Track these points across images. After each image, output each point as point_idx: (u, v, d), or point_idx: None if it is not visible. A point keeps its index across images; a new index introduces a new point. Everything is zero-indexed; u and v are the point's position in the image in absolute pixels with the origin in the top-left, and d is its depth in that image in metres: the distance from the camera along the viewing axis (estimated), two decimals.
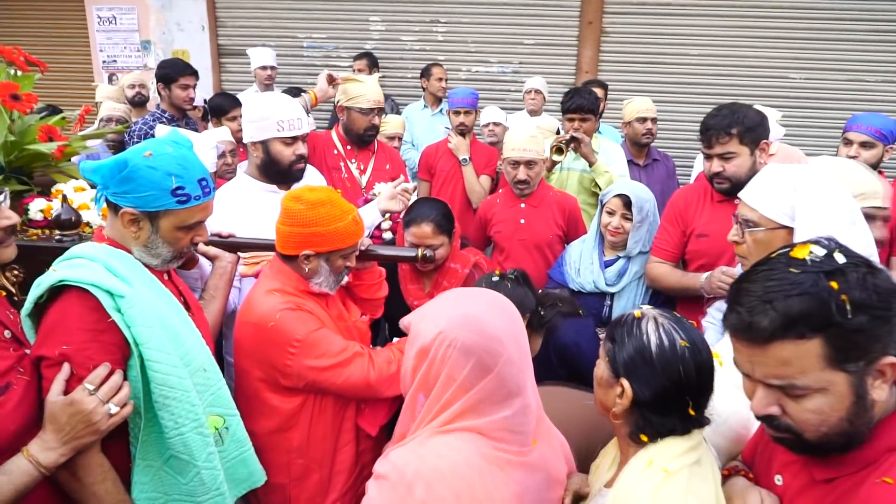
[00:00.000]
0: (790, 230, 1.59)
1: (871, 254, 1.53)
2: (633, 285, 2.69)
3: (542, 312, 2.14)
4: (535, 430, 1.37)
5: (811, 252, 1.03)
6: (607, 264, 2.72)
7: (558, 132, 4.30)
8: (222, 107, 4.07)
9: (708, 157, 2.39)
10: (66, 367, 1.43)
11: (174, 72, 4.21)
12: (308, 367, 1.83)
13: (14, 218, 1.50)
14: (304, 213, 1.82)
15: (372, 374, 1.87)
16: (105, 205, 1.61)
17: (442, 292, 2.38)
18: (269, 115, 2.33)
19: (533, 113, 4.89)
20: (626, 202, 2.62)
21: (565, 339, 2.13)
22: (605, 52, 5.76)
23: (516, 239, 2.99)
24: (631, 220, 2.62)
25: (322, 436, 1.94)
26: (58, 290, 1.47)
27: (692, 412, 1.25)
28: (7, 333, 1.46)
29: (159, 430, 1.54)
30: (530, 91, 4.97)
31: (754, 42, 5.58)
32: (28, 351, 1.49)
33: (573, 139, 3.39)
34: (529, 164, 2.97)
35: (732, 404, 1.39)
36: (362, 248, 2.06)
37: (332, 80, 3.13)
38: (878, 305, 0.96)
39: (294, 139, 2.34)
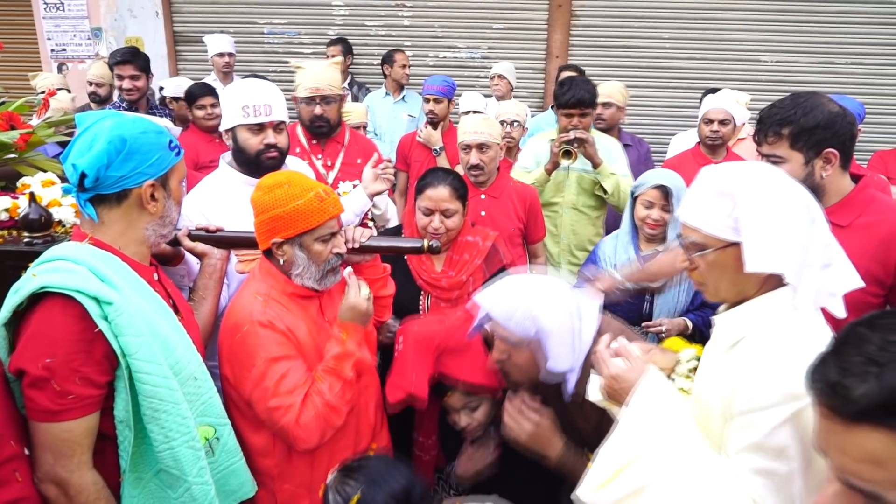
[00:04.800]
0: (739, 246, 1.26)
1: (831, 254, 1.29)
2: (676, 280, 2.53)
3: None
4: None
5: None
6: (645, 259, 2.58)
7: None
8: (192, 94, 3.95)
9: (760, 154, 1.95)
10: None
11: (111, 60, 4.18)
12: (254, 397, 1.70)
13: None
14: (262, 199, 1.72)
15: (299, 433, 1.69)
16: (92, 209, 1.47)
17: (461, 266, 2.35)
18: (235, 101, 2.14)
19: (499, 99, 4.77)
20: (666, 193, 2.50)
21: None
22: (575, 35, 5.64)
23: None
24: (670, 211, 2.50)
25: (309, 460, 1.78)
26: (38, 297, 1.38)
27: None
28: None
29: (149, 443, 1.47)
30: (494, 77, 4.87)
31: (725, 25, 5.51)
32: None
33: (578, 139, 3.05)
34: (482, 147, 2.81)
35: None
36: (363, 239, 1.88)
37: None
38: None
39: (261, 126, 2.13)
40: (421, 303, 2.37)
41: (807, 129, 1.78)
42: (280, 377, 1.68)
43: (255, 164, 2.16)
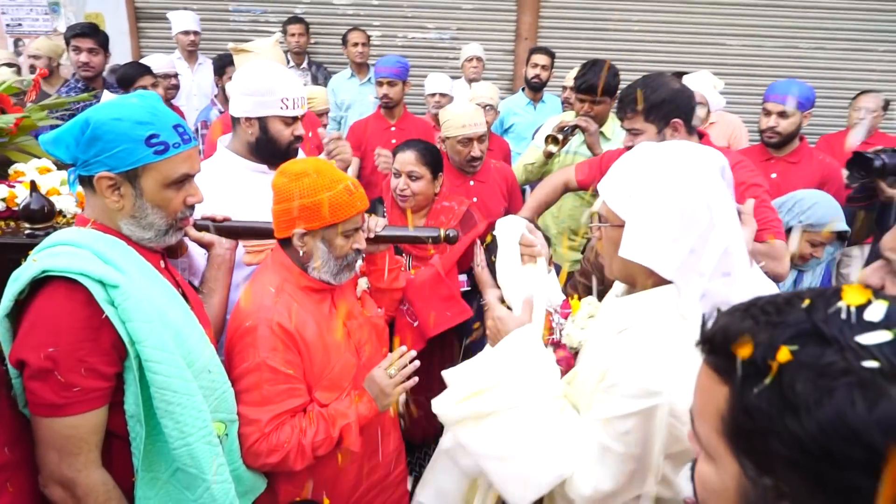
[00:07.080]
0: None
1: (734, 263, 1.24)
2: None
3: None
4: None
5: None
6: None
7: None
8: (128, 76, 3.73)
9: (624, 129, 2.27)
10: None
11: (69, 33, 3.95)
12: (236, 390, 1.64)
13: None
14: (288, 186, 1.64)
15: (261, 448, 1.62)
16: (80, 187, 1.41)
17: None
18: (273, 91, 2.06)
19: (474, 82, 4.74)
20: None
21: None
22: (544, 17, 5.63)
23: None
24: None
25: (314, 463, 1.70)
26: (40, 284, 1.28)
27: None
28: None
29: (164, 440, 1.37)
30: (472, 59, 4.80)
31: (693, 8, 5.56)
32: None
33: (574, 127, 2.93)
34: (481, 138, 2.82)
35: None
36: (378, 229, 1.85)
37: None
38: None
39: (294, 119, 2.13)
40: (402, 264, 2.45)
41: (655, 105, 2.12)
42: (255, 385, 1.61)
43: (283, 154, 2.11)
